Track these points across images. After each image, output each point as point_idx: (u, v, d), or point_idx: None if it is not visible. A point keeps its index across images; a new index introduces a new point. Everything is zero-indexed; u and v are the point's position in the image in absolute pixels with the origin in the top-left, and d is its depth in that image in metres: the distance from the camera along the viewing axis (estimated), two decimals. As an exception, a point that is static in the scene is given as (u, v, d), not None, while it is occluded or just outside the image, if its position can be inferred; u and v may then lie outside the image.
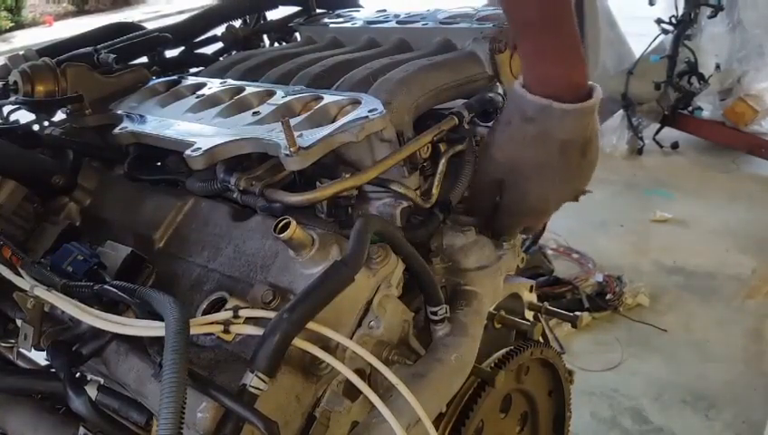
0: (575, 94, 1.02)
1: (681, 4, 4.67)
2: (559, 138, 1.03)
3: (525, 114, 1.04)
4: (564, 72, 1.02)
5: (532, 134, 1.04)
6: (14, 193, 1.16)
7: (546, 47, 1.02)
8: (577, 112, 1.01)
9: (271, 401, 0.83)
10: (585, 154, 1.07)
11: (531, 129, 1.04)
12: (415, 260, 0.98)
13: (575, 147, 1.05)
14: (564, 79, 1.02)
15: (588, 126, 1.05)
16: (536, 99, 1.01)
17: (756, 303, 3.18)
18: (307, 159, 0.93)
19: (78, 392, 0.87)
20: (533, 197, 1.12)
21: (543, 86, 1.02)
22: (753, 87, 4.72)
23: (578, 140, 1.05)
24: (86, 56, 1.35)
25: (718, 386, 2.65)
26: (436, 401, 1.01)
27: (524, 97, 1.03)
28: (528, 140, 1.05)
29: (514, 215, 1.16)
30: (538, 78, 1.03)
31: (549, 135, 1.03)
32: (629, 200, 4.32)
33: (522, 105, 1.04)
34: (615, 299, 3.16)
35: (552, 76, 1.02)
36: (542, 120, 1.02)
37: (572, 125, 1.03)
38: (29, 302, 0.93)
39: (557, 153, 1.05)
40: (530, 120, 1.03)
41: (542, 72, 1.03)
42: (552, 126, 1.02)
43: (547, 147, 1.04)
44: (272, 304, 0.91)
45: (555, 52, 1.02)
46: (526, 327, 1.28)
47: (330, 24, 1.52)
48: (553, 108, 1.00)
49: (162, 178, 1.24)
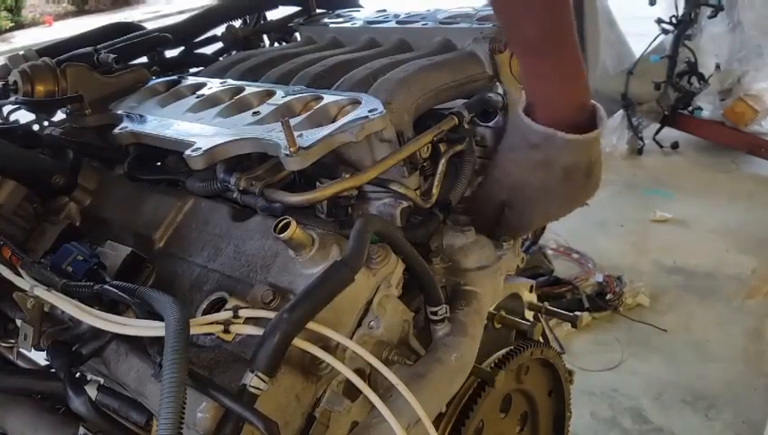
0: (578, 117, 1.01)
1: (681, 4, 4.66)
2: (563, 164, 1.03)
3: (530, 141, 1.03)
4: (566, 97, 1.01)
5: (537, 160, 1.04)
6: (13, 193, 1.16)
7: (548, 69, 1.00)
8: (581, 142, 1.01)
9: (271, 401, 0.83)
10: (590, 176, 1.08)
11: (535, 155, 1.04)
12: (415, 260, 0.98)
13: (579, 171, 1.05)
14: (567, 103, 1.01)
15: (591, 152, 1.04)
16: (541, 128, 1.01)
17: (756, 303, 3.18)
18: (307, 159, 0.93)
19: (78, 392, 0.87)
20: (537, 216, 1.13)
21: (546, 112, 1.01)
22: (753, 87, 4.71)
23: (582, 165, 1.05)
24: (86, 56, 1.35)
25: (718, 386, 2.65)
26: (436, 400, 1.01)
27: (529, 126, 1.02)
28: (533, 166, 1.05)
29: (517, 231, 1.17)
30: (540, 102, 1.02)
31: (553, 162, 1.03)
32: (629, 200, 4.32)
33: (526, 133, 1.03)
34: (615, 299, 3.16)
35: (554, 101, 1.01)
36: (546, 147, 1.02)
37: (576, 153, 1.02)
38: (29, 302, 0.93)
39: (561, 178, 1.05)
40: (534, 147, 1.03)
41: (544, 97, 1.02)
42: (556, 153, 1.02)
43: (552, 172, 1.04)
44: (272, 304, 0.91)
45: (557, 74, 1.01)
46: (526, 327, 1.28)
47: (330, 24, 1.52)
48: (557, 137, 1.00)
49: (162, 178, 1.24)
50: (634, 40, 5.00)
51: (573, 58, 1.00)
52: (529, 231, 1.18)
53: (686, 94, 4.82)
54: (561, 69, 1.00)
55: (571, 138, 0.99)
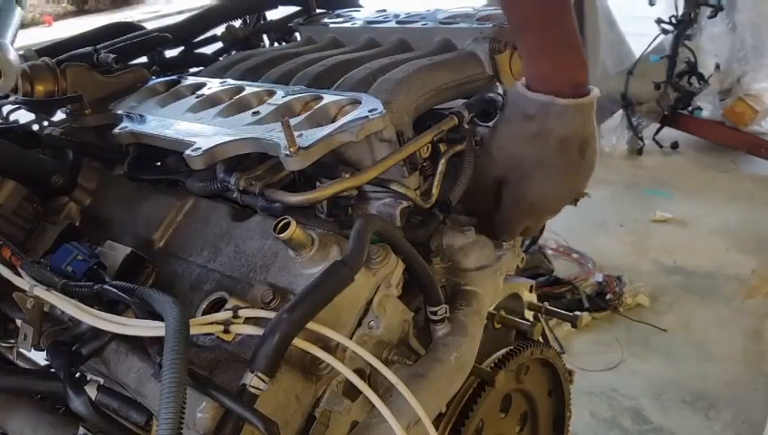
0: (575, 91, 1.03)
1: (681, 5, 4.67)
2: (558, 134, 1.05)
3: (526, 112, 1.05)
4: (564, 70, 1.04)
5: (532, 132, 1.06)
6: (13, 193, 1.16)
7: (545, 45, 1.03)
8: (576, 108, 1.03)
9: (271, 401, 0.83)
10: (583, 154, 1.08)
11: (531, 126, 1.05)
12: (415, 260, 0.98)
13: (573, 144, 1.06)
14: (564, 76, 1.03)
15: (586, 124, 1.06)
16: (537, 96, 1.03)
17: (756, 303, 3.18)
18: (307, 159, 0.93)
19: (78, 392, 0.87)
20: (533, 194, 1.12)
21: (544, 84, 1.03)
22: (752, 87, 4.71)
23: (576, 137, 1.06)
24: (86, 56, 1.35)
25: (718, 386, 2.65)
26: (435, 400, 1.01)
27: (525, 95, 1.04)
28: (528, 138, 1.06)
29: (514, 214, 1.16)
30: (538, 76, 1.04)
31: (548, 132, 1.05)
32: (629, 200, 4.32)
33: (522, 103, 1.05)
34: (615, 299, 3.16)
35: (551, 73, 1.03)
36: (542, 117, 1.04)
37: (571, 121, 1.04)
38: (29, 302, 0.93)
39: (556, 150, 1.06)
40: (530, 118, 1.05)
41: (541, 70, 1.04)
42: (551, 123, 1.04)
43: (546, 144, 1.06)
44: (271, 304, 0.91)
45: (554, 49, 1.03)
46: (526, 327, 1.28)
47: (330, 24, 1.52)
48: (554, 104, 1.02)
49: (162, 178, 1.24)
50: (634, 40, 5.00)
51: (571, 34, 1.02)
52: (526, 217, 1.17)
53: (686, 94, 4.82)
54: (559, 45, 1.03)
55: (566, 102, 1.02)
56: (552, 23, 1.02)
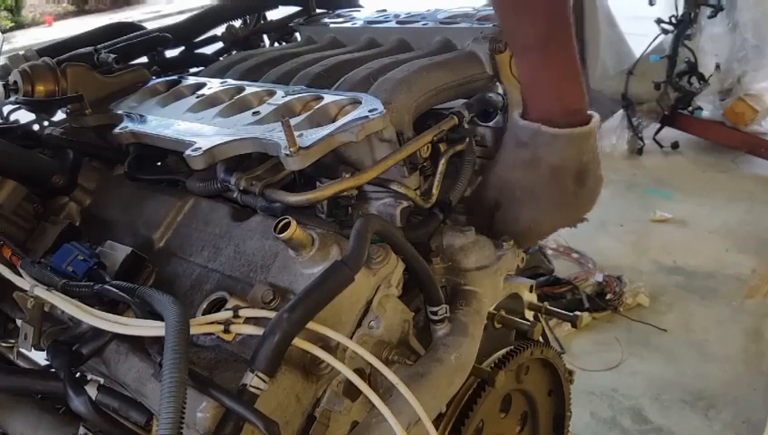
0: (570, 120, 1.02)
1: (681, 4, 4.67)
2: (548, 163, 1.03)
3: (519, 139, 1.05)
4: (559, 98, 1.02)
5: (524, 158, 1.05)
6: (14, 193, 1.16)
7: (542, 72, 1.02)
8: (567, 138, 1.01)
9: (271, 401, 0.83)
10: (582, 183, 1.07)
11: (523, 153, 1.05)
12: (415, 260, 0.98)
13: (567, 174, 1.05)
14: (558, 104, 1.02)
15: (583, 153, 1.04)
16: (527, 124, 1.02)
17: (756, 302, 3.18)
18: (307, 159, 0.93)
19: (78, 392, 0.87)
20: (525, 220, 1.13)
21: (536, 111, 1.03)
22: (752, 87, 4.71)
23: (570, 167, 1.04)
24: (86, 56, 1.35)
25: (718, 386, 2.65)
26: (436, 400, 1.01)
27: (517, 123, 1.04)
28: (519, 164, 1.06)
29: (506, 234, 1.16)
30: (533, 103, 1.04)
31: (539, 160, 1.04)
32: (629, 200, 4.32)
33: (516, 130, 1.06)
34: (615, 299, 3.16)
35: (546, 101, 1.03)
36: (533, 144, 1.03)
37: (561, 151, 1.02)
38: (29, 302, 0.93)
39: (547, 178, 1.05)
40: (523, 145, 1.05)
41: (535, 98, 1.04)
42: (541, 151, 1.03)
43: (537, 171, 1.05)
44: (272, 303, 0.91)
45: (551, 77, 1.02)
46: (526, 327, 1.28)
47: (330, 24, 1.52)
48: (542, 132, 1.01)
49: (162, 178, 1.24)
50: (634, 40, 5.00)
51: (570, 64, 1.01)
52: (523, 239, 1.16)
53: (686, 94, 4.82)
54: (556, 73, 1.02)
55: (555, 132, 1.00)
56: (553, 50, 1.00)
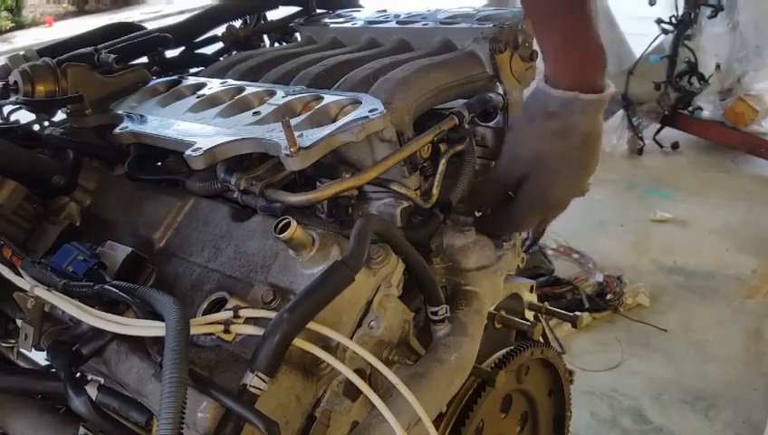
0: (596, 87, 1.04)
1: (681, 5, 4.67)
2: (581, 130, 1.06)
3: (547, 109, 1.06)
4: (587, 65, 1.04)
5: (555, 129, 1.06)
6: (14, 193, 1.16)
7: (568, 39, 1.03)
8: (598, 103, 1.04)
9: (271, 401, 0.83)
10: (598, 145, 1.11)
11: (554, 124, 1.06)
12: (415, 260, 0.98)
13: (594, 138, 1.09)
14: (587, 71, 1.04)
15: (602, 118, 1.08)
16: (560, 93, 1.03)
17: (756, 302, 3.18)
18: (307, 159, 0.93)
19: (78, 392, 0.87)
20: (555, 189, 1.13)
21: (567, 80, 1.03)
22: (753, 87, 4.72)
23: (596, 132, 1.08)
24: (86, 56, 1.35)
25: (718, 386, 2.65)
26: (436, 400, 1.01)
27: (548, 93, 1.05)
28: (551, 135, 1.07)
29: (532, 209, 1.16)
30: (561, 72, 1.05)
31: (572, 128, 1.06)
32: (629, 200, 4.32)
33: (545, 101, 1.06)
34: (615, 299, 3.17)
35: (575, 69, 1.04)
36: (564, 114, 1.04)
37: (593, 116, 1.06)
38: (29, 302, 0.93)
39: (579, 146, 1.08)
40: (552, 116, 1.05)
41: (565, 66, 1.04)
42: (575, 119, 1.05)
43: (570, 140, 1.07)
44: (272, 304, 0.91)
45: (578, 44, 1.03)
46: (526, 327, 1.28)
47: (330, 24, 1.52)
48: (579, 100, 1.02)
49: (162, 178, 1.24)
50: (634, 40, 5.00)
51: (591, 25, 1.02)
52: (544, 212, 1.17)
53: (687, 94, 4.83)
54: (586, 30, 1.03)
55: (590, 98, 1.03)
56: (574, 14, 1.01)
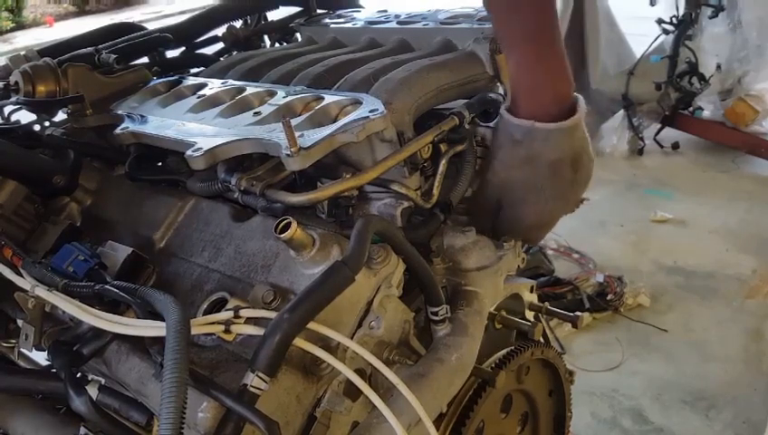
0: (559, 111, 1.02)
1: (682, 5, 4.67)
2: (548, 158, 1.04)
3: (513, 137, 1.04)
4: (551, 87, 1.02)
5: (521, 157, 1.05)
6: (14, 193, 1.16)
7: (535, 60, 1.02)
8: (561, 131, 1.01)
9: (272, 401, 0.83)
10: (577, 169, 1.07)
11: (519, 151, 1.05)
12: (415, 260, 0.98)
13: (565, 165, 1.05)
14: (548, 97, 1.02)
15: (575, 141, 1.04)
16: (520, 121, 1.02)
17: (756, 303, 3.18)
18: (308, 159, 0.93)
19: (79, 392, 0.87)
20: (530, 215, 1.13)
21: (528, 107, 1.02)
22: (753, 87, 4.72)
23: (567, 158, 1.05)
24: (87, 56, 1.35)
25: (718, 386, 2.65)
26: (436, 401, 1.01)
27: (510, 121, 1.04)
28: (517, 163, 1.06)
29: (514, 230, 1.17)
30: (523, 98, 1.03)
31: (537, 156, 1.04)
32: (630, 200, 4.32)
33: (508, 129, 1.05)
34: (615, 299, 3.16)
35: (538, 92, 1.02)
36: (528, 142, 1.03)
37: (559, 144, 1.03)
38: (30, 302, 0.93)
39: (548, 173, 1.05)
40: (518, 143, 1.04)
41: (529, 89, 1.03)
42: (538, 147, 1.03)
43: (537, 168, 1.05)
44: (272, 304, 0.91)
45: (543, 65, 1.02)
46: (527, 327, 1.28)
47: (330, 25, 1.52)
48: (536, 129, 1.00)
49: (163, 179, 1.24)
50: (634, 40, 5.00)
51: (558, 49, 1.02)
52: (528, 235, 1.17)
53: (687, 94, 4.83)
54: (547, 59, 1.02)
55: (550, 127, 1.00)
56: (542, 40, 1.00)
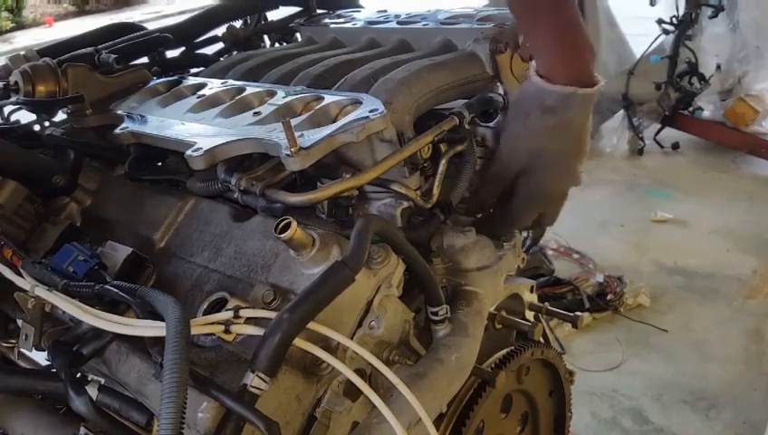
0: (589, 79, 1.05)
1: (682, 5, 4.67)
2: (578, 124, 1.07)
3: (545, 104, 1.05)
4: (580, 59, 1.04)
5: (553, 124, 1.06)
6: (14, 193, 1.16)
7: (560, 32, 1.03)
8: (593, 97, 1.05)
9: (272, 401, 0.83)
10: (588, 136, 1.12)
11: (551, 119, 1.06)
12: (415, 260, 0.98)
13: (587, 129, 1.10)
14: (580, 65, 1.04)
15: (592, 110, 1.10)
16: (558, 88, 1.03)
17: (757, 303, 3.18)
18: (308, 160, 0.93)
19: (79, 392, 0.87)
20: (553, 182, 1.14)
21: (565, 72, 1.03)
22: (753, 87, 4.72)
23: (589, 124, 1.10)
24: (87, 56, 1.35)
25: (718, 386, 2.65)
26: (436, 401, 1.01)
27: (545, 88, 1.04)
28: (550, 130, 1.07)
29: (532, 203, 1.17)
30: (555, 66, 1.04)
31: (570, 123, 1.06)
32: (630, 200, 4.32)
33: (541, 96, 1.05)
34: (615, 299, 3.17)
35: (570, 64, 1.04)
36: (562, 109, 1.04)
37: (588, 110, 1.07)
38: (30, 302, 0.93)
39: (575, 139, 1.08)
40: (550, 110, 1.05)
41: (559, 61, 1.04)
42: (572, 114, 1.05)
43: (567, 134, 1.08)
44: (272, 304, 0.91)
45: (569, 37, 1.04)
46: (527, 327, 1.28)
47: (330, 25, 1.52)
48: (577, 94, 1.02)
49: (163, 179, 1.24)
50: (634, 40, 5.01)
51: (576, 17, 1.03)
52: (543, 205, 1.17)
53: (687, 94, 4.83)
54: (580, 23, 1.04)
55: (588, 92, 1.03)
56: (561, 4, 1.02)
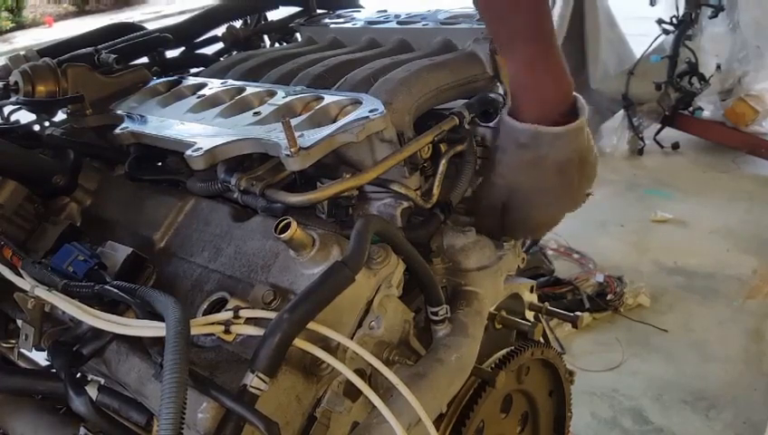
0: (562, 112, 1.02)
1: (682, 5, 4.67)
2: (555, 160, 1.04)
3: (518, 141, 1.04)
4: (552, 87, 1.02)
5: (527, 160, 1.05)
6: (15, 193, 1.16)
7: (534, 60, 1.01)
8: (567, 134, 1.01)
9: (271, 402, 0.83)
10: (584, 168, 1.08)
11: (525, 154, 1.04)
12: (415, 260, 0.98)
13: (572, 165, 1.05)
14: (553, 101, 1.02)
15: (581, 142, 1.04)
16: (524, 126, 1.02)
17: (757, 303, 3.18)
18: (308, 160, 0.93)
19: (78, 392, 0.87)
20: (537, 216, 1.13)
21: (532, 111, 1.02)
22: (753, 87, 4.71)
23: (574, 159, 1.05)
24: (87, 56, 1.35)
25: (718, 386, 2.65)
26: (436, 401, 1.01)
27: (514, 126, 1.03)
28: (524, 166, 1.06)
29: (519, 230, 1.17)
30: (527, 102, 1.03)
31: (544, 159, 1.04)
32: (630, 200, 4.31)
33: (513, 133, 1.04)
34: (615, 299, 3.16)
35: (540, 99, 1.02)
36: (534, 145, 1.03)
37: (566, 146, 1.03)
38: (30, 302, 0.93)
39: (555, 175, 1.05)
40: (524, 147, 1.04)
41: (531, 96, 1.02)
42: (545, 150, 1.02)
43: (544, 170, 1.05)
44: (272, 304, 0.91)
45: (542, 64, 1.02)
46: (527, 327, 1.28)
47: (330, 25, 1.52)
48: (542, 133, 1.00)
49: (163, 179, 1.24)
50: (634, 40, 5.00)
51: (557, 49, 1.02)
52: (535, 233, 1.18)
53: (687, 94, 4.83)
54: (547, 59, 1.02)
55: (556, 131, 1.00)
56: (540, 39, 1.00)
